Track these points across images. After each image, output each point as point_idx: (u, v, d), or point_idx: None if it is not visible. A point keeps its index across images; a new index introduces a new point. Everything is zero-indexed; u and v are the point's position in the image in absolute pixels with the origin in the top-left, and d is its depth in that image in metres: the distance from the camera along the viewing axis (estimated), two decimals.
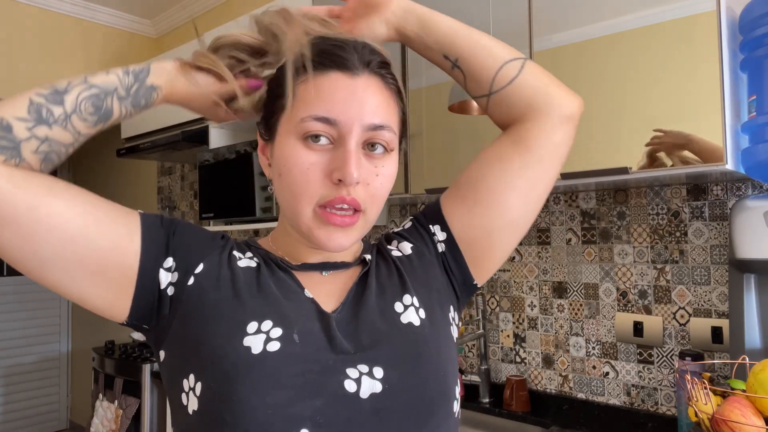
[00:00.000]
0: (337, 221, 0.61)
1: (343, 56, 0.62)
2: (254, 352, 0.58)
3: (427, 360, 0.63)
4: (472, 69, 0.71)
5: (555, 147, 0.70)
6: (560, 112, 0.70)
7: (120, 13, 3.29)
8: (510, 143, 0.71)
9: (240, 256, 0.68)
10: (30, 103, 0.59)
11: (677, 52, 1.24)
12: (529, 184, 0.70)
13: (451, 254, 0.73)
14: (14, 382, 4.10)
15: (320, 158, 0.61)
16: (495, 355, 1.91)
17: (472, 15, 1.59)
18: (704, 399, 0.97)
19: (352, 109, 0.60)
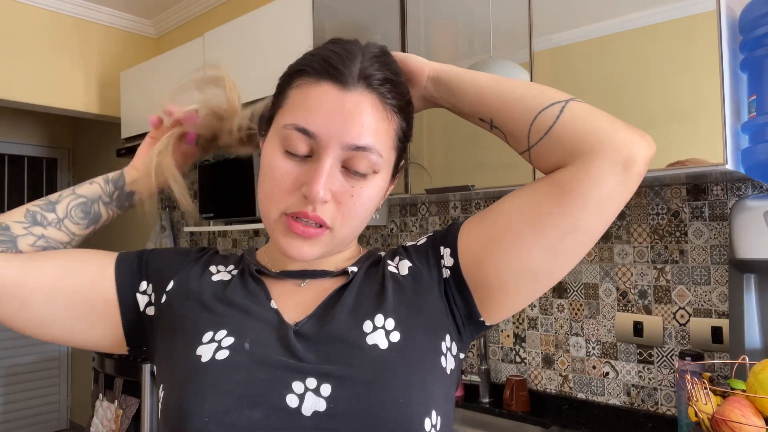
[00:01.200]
0: (299, 230, 0.59)
1: (338, 68, 0.59)
2: (203, 360, 0.59)
3: (385, 385, 0.57)
4: (508, 126, 0.64)
5: (602, 198, 0.58)
6: (613, 156, 0.58)
7: (120, 13, 3.28)
8: (548, 184, 0.61)
9: (218, 269, 0.70)
10: (26, 211, 0.69)
11: (677, 52, 1.24)
12: (558, 234, 0.59)
13: (456, 284, 0.65)
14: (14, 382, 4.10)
15: (295, 168, 0.60)
16: (495, 355, 1.91)
17: (472, 15, 1.59)
18: (704, 399, 0.97)
19: (333, 125, 0.58)
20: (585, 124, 0.60)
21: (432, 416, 0.59)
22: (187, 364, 0.60)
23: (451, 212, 2.03)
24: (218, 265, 0.70)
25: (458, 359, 0.67)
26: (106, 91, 3.23)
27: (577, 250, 0.61)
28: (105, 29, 3.27)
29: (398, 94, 0.63)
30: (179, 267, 0.70)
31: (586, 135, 0.59)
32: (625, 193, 0.59)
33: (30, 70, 2.95)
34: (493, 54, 1.51)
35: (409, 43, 1.73)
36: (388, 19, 1.78)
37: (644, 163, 0.59)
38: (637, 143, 0.60)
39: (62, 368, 4.36)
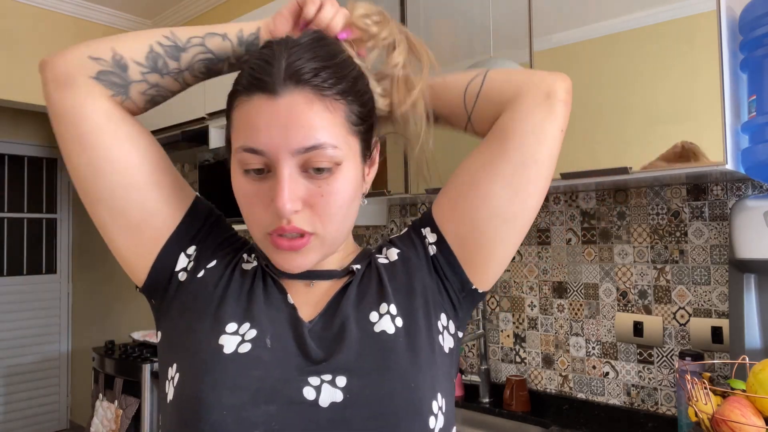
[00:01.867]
0: (285, 245, 0.59)
1: (261, 77, 0.57)
2: (226, 352, 0.60)
3: (396, 371, 0.60)
4: (445, 108, 0.71)
5: (536, 126, 0.65)
6: (534, 93, 0.66)
7: (120, 13, 3.28)
8: (490, 135, 0.69)
9: (247, 259, 0.70)
10: (150, 50, 0.64)
11: (677, 52, 1.24)
12: (511, 170, 0.65)
13: (444, 257, 0.68)
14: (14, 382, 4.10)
15: (259, 188, 0.59)
16: (495, 355, 1.91)
17: (472, 15, 1.59)
18: (704, 399, 0.97)
19: (275, 137, 0.56)
20: (506, 80, 0.69)
21: (438, 398, 0.62)
22: (208, 352, 0.60)
23: None
24: (247, 254, 0.71)
25: (456, 338, 0.69)
26: None
27: (532, 183, 0.66)
28: (105, 29, 3.27)
29: (336, 79, 0.59)
30: (226, 249, 0.70)
31: (508, 86, 0.68)
32: (556, 119, 0.66)
33: (30, 70, 2.95)
34: (493, 54, 1.51)
35: None
36: None
37: (564, 91, 0.67)
38: (550, 78, 0.67)
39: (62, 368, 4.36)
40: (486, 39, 1.54)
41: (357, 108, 0.61)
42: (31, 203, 4.35)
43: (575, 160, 1.37)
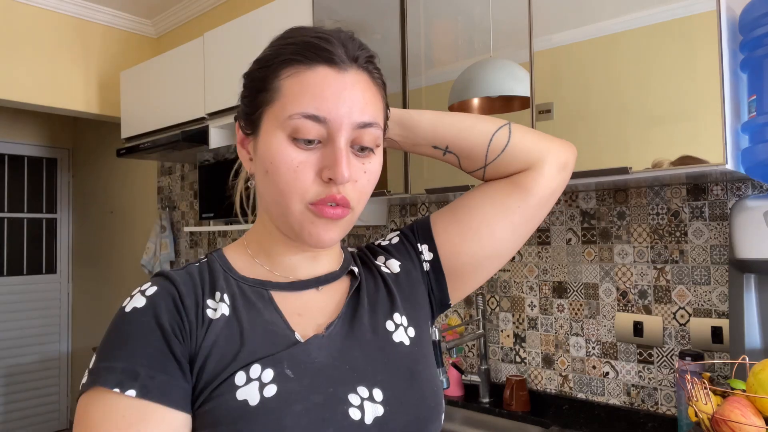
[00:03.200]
0: (330, 213, 0.59)
1: (330, 50, 0.60)
2: (252, 404, 0.55)
3: (420, 377, 0.65)
4: (464, 150, 0.75)
5: (551, 193, 0.75)
6: (557, 161, 0.74)
7: (120, 13, 3.28)
8: (511, 185, 0.74)
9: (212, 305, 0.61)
10: None
11: (677, 52, 1.24)
12: (522, 221, 0.74)
13: (434, 275, 0.75)
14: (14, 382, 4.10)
15: (309, 156, 0.59)
16: (495, 355, 1.91)
17: (472, 15, 1.59)
18: (704, 399, 0.97)
19: (342, 107, 0.59)
20: (530, 140, 0.74)
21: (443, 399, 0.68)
22: (232, 415, 0.54)
23: None
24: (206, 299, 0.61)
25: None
26: (106, 91, 3.23)
27: (529, 231, 0.77)
28: (105, 29, 3.27)
29: (380, 72, 0.66)
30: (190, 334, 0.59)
31: (533, 149, 0.74)
32: (562, 187, 0.77)
33: (30, 70, 2.95)
34: (493, 54, 1.51)
35: (409, 43, 1.73)
36: (388, 19, 1.78)
37: (573, 163, 0.78)
38: (566, 150, 0.76)
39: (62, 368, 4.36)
40: (486, 39, 1.54)
41: (386, 101, 0.67)
42: (31, 203, 4.35)
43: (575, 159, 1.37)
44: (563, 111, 1.39)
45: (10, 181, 4.25)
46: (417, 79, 1.71)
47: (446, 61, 1.66)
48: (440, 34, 1.68)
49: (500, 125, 0.74)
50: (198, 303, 0.61)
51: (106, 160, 4.00)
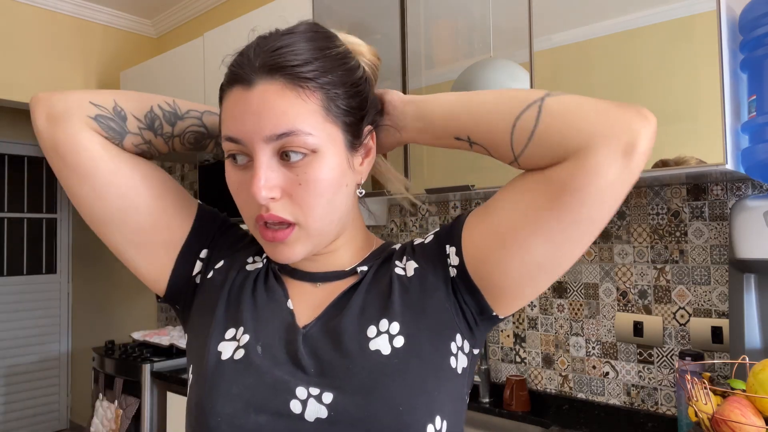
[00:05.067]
0: (268, 236, 0.60)
1: (236, 70, 0.60)
2: (223, 358, 0.62)
3: (384, 394, 0.57)
4: (487, 141, 0.60)
5: (606, 187, 0.53)
6: (611, 145, 0.53)
7: (120, 13, 3.28)
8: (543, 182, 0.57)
9: (255, 259, 0.71)
10: (150, 110, 0.68)
11: (677, 52, 1.24)
12: (561, 227, 0.56)
13: (463, 282, 0.63)
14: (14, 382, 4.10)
15: (243, 176, 0.61)
16: (495, 355, 1.91)
17: (472, 15, 1.59)
18: (704, 399, 0.97)
19: (248, 125, 0.58)
20: (569, 119, 0.55)
21: (436, 422, 0.59)
22: (209, 359, 0.62)
23: (451, 212, 2.03)
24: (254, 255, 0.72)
25: (472, 356, 0.65)
26: None
27: (582, 239, 0.57)
28: (105, 29, 3.27)
29: (316, 71, 0.58)
30: (236, 250, 0.72)
31: (572, 130, 0.54)
32: (631, 177, 0.54)
33: (30, 70, 2.95)
34: (493, 54, 1.51)
35: (409, 43, 1.73)
36: (388, 19, 1.78)
37: (647, 142, 0.53)
38: (633, 124, 0.53)
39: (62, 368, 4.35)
40: (486, 39, 1.54)
41: (342, 101, 0.60)
42: (31, 203, 4.35)
43: None
44: None
45: (10, 181, 4.25)
46: (417, 79, 1.71)
47: (446, 61, 1.66)
48: (440, 34, 1.68)
49: (528, 103, 0.57)
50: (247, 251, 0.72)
51: None
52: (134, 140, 0.67)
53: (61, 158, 0.64)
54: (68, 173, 0.64)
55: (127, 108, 0.67)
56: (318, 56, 0.60)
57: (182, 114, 0.70)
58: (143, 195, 0.66)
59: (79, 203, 0.65)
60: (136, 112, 0.67)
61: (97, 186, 0.64)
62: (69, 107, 0.65)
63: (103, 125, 0.65)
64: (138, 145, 0.68)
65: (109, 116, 0.65)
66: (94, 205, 0.65)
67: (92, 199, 0.65)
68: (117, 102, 0.67)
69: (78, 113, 0.64)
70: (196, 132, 0.71)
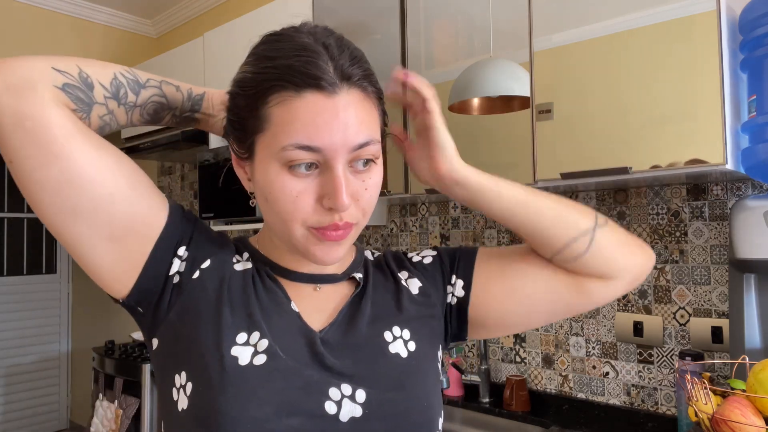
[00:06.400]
0: (333, 236, 0.60)
1: (317, 74, 0.56)
2: (241, 364, 0.59)
3: (411, 390, 0.64)
4: (535, 241, 0.70)
5: (611, 299, 0.72)
6: (632, 278, 0.70)
7: (120, 13, 3.28)
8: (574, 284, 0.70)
9: (238, 258, 0.68)
10: (114, 77, 0.62)
11: (677, 52, 1.24)
12: (564, 313, 0.72)
13: (457, 312, 0.73)
14: (14, 382, 4.10)
15: (308, 185, 0.58)
16: (495, 355, 1.91)
17: (472, 15, 1.59)
18: (704, 399, 0.97)
19: (335, 135, 0.56)
20: (611, 253, 0.69)
21: (441, 415, 0.67)
22: (220, 364, 0.58)
23: (451, 212, 2.03)
24: (237, 253, 0.69)
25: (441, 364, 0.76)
26: None
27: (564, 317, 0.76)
28: (105, 29, 3.27)
29: (374, 82, 0.62)
30: (218, 249, 0.67)
31: (611, 263, 0.69)
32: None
33: None
34: (493, 54, 1.51)
35: (409, 43, 1.73)
36: (388, 19, 1.78)
37: (646, 275, 0.73)
38: (645, 265, 0.71)
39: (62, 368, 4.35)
40: (486, 39, 1.54)
41: (383, 107, 0.65)
42: None
43: (575, 160, 1.37)
44: (563, 111, 1.39)
45: (10, 181, 4.25)
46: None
47: (446, 61, 1.65)
48: (440, 34, 1.68)
49: (582, 231, 0.67)
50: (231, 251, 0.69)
51: None
52: (99, 111, 0.60)
53: (28, 134, 0.54)
54: (33, 152, 0.54)
55: (92, 74, 0.59)
56: (369, 66, 0.62)
57: (143, 83, 0.64)
58: (120, 182, 0.58)
59: (40, 189, 0.55)
60: (102, 78, 0.60)
61: (70, 169, 0.55)
62: (32, 75, 0.57)
63: (71, 95, 0.57)
64: (102, 116, 0.60)
65: (76, 85, 0.58)
66: (61, 192, 0.55)
67: (60, 184, 0.55)
68: (81, 68, 0.59)
69: (44, 82, 0.56)
70: (157, 102, 0.66)
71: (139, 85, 0.64)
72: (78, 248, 0.59)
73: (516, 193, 0.68)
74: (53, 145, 0.54)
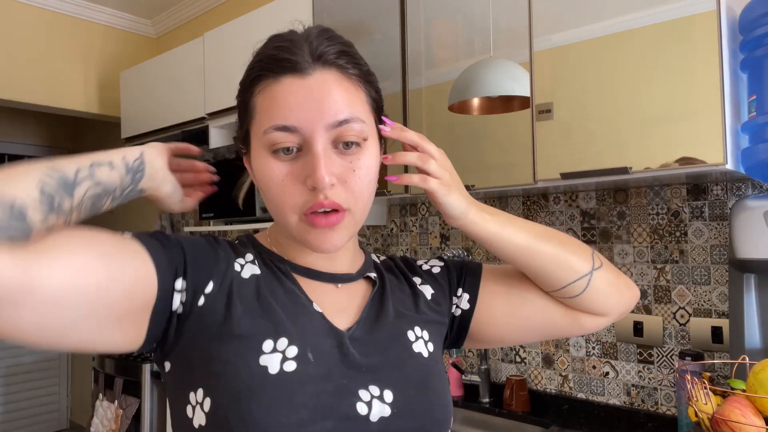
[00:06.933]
0: (322, 222, 0.60)
1: (290, 58, 0.59)
2: (271, 372, 0.58)
3: (434, 389, 0.66)
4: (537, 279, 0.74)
5: (600, 328, 0.80)
6: (620, 314, 0.77)
7: (120, 13, 3.28)
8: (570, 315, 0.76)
9: (241, 262, 0.66)
10: (41, 191, 0.51)
11: (677, 52, 1.24)
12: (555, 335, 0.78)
13: (459, 323, 0.77)
14: (14, 382, 4.10)
15: (292, 167, 0.60)
16: (495, 355, 1.91)
17: (472, 15, 1.59)
18: (704, 399, 0.97)
19: (309, 112, 0.58)
20: (606, 294, 0.74)
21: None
22: (249, 375, 0.57)
23: None
24: (237, 257, 0.66)
25: None
26: (106, 91, 3.23)
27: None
28: (105, 29, 3.27)
29: (356, 64, 0.63)
30: (215, 265, 0.63)
31: (605, 303, 0.74)
32: None
33: (30, 70, 2.95)
34: (493, 54, 1.51)
35: (409, 43, 1.73)
36: (388, 19, 1.78)
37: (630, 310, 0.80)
38: (631, 302, 0.78)
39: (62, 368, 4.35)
40: (486, 39, 1.54)
41: (373, 93, 0.66)
42: None
43: (575, 160, 1.37)
44: (563, 111, 1.39)
45: None
46: (417, 79, 1.71)
47: (446, 61, 1.66)
48: (440, 34, 1.68)
49: (580, 275, 0.72)
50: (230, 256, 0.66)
51: None
52: (39, 231, 0.50)
53: None
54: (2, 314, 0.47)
55: (18, 195, 0.49)
56: (354, 52, 0.65)
57: (73, 179, 0.54)
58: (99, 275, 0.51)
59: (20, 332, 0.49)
60: (29, 194, 0.50)
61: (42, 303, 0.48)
62: None
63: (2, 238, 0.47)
64: (43, 230, 0.51)
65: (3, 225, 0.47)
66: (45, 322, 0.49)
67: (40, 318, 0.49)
68: (3, 196, 0.48)
69: None
70: (93, 195, 0.57)
71: (69, 185, 0.54)
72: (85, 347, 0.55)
73: (521, 242, 0.71)
74: (13, 295, 0.46)
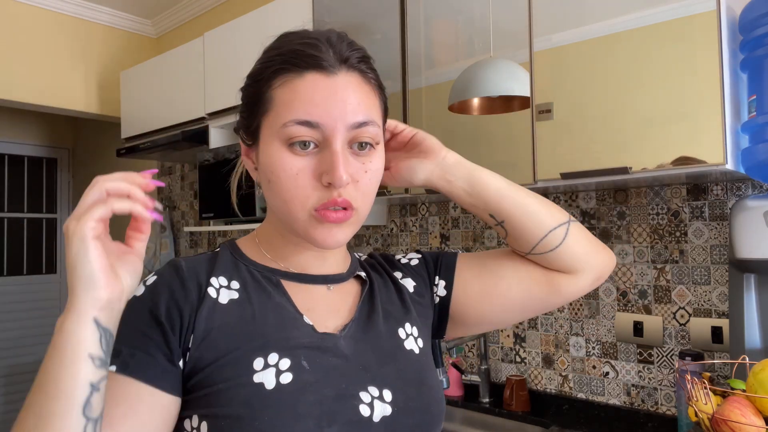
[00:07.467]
0: (332, 218, 0.61)
1: (318, 56, 0.61)
2: (268, 388, 0.58)
3: (429, 385, 0.68)
4: (517, 232, 0.74)
5: (577, 297, 0.78)
6: (596, 274, 0.76)
7: (120, 13, 3.28)
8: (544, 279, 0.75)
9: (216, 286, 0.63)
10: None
11: (677, 52, 1.24)
12: (536, 309, 0.77)
13: (440, 310, 0.77)
14: (14, 382, 4.10)
15: (307, 162, 0.60)
16: (495, 355, 1.91)
17: (472, 15, 1.59)
18: (704, 399, 0.97)
19: (333, 110, 0.60)
20: (581, 249, 0.74)
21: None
22: (247, 394, 0.57)
23: (451, 212, 2.03)
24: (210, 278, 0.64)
25: None
26: (106, 91, 3.23)
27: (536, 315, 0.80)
28: (105, 29, 3.27)
29: (374, 71, 0.66)
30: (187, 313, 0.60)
31: (580, 258, 0.74)
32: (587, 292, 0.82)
33: (30, 70, 2.94)
34: (493, 54, 1.51)
35: (409, 43, 1.73)
36: (388, 19, 1.78)
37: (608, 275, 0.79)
38: (608, 264, 0.77)
39: None
40: (486, 39, 1.54)
41: (384, 99, 0.68)
42: (31, 203, 4.35)
43: (575, 160, 1.37)
44: (563, 111, 1.39)
45: (10, 181, 4.25)
46: (417, 79, 1.71)
47: (446, 61, 1.65)
48: (440, 34, 1.68)
49: (560, 222, 0.73)
50: (201, 285, 0.63)
51: (106, 160, 3.99)
52: None
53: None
54: None
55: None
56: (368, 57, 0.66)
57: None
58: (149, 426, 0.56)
59: None
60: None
61: None
62: None
63: None
64: None
65: None
66: None
67: None
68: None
69: None
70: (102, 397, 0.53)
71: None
72: None
73: (501, 185, 0.73)
74: None
